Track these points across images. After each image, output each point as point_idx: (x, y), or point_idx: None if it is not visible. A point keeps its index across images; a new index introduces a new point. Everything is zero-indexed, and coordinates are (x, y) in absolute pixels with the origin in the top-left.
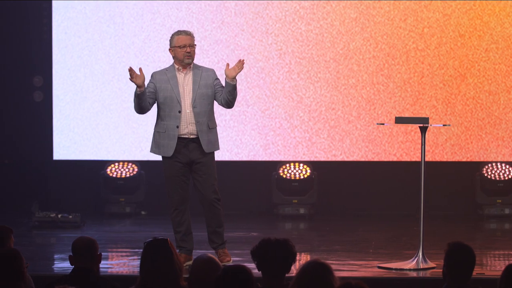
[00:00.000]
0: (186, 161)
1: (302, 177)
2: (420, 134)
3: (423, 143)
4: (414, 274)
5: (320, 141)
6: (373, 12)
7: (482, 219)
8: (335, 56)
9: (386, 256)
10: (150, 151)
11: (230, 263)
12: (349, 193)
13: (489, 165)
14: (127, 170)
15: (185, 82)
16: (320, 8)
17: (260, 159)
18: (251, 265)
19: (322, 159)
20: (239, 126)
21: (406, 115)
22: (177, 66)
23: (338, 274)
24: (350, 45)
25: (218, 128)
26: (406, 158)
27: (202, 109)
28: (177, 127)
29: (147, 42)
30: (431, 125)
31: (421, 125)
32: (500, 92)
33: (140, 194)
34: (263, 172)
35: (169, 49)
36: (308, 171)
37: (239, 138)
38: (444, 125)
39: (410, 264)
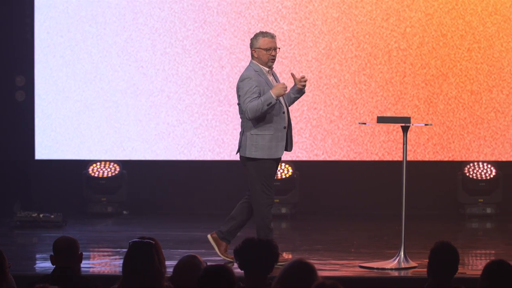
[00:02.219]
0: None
1: (284, 176)
2: (402, 134)
3: (405, 143)
4: (395, 273)
5: (302, 141)
6: (355, 11)
7: (464, 219)
8: (317, 55)
9: (368, 256)
10: (247, 155)
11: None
12: (331, 193)
13: (471, 164)
14: (109, 169)
15: (274, 84)
16: (302, 7)
17: None
18: (234, 265)
19: (304, 158)
20: (221, 125)
21: (388, 114)
22: (266, 69)
23: (319, 273)
24: (332, 45)
25: (199, 128)
26: (388, 158)
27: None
28: (284, 128)
29: (129, 41)
30: (413, 124)
31: (403, 124)
32: (482, 92)
33: (122, 193)
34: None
35: (252, 50)
36: (290, 170)
37: (220, 138)
38: (426, 124)
39: (391, 263)
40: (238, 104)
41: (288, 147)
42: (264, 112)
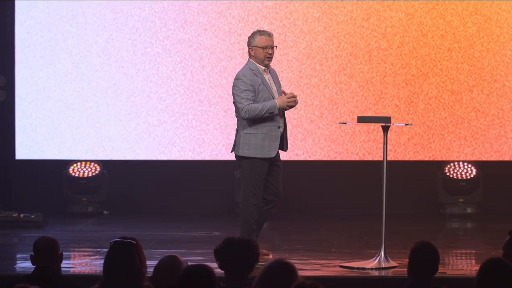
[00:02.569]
0: (272, 160)
1: None
2: (382, 134)
3: (385, 143)
4: (376, 273)
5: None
6: (335, 11)
7: (444, 218)
8: (298, 55)
9: (348, 255)
10: (240, 154)
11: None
12: (311, 192)
13: (451, 164)
14: (89, 169)
15: (270, 83)
16: (282, 7)
17: (222, 158)
18: (214, 265)
19: (284, 158)
20: (202, 125)
21: (369, 114)
22: (262, 68)
23: (300, 273)
24: (313, 45)
25: (179, 127)
26: (368, 158)
27: (283, 111)
28: (279, 127)
29: (109, 41)
30: (393, 124)
31: (383, 124)
32: (462, 92)
33: (103, 193)
34: (226, 171)
35: (249, 48)
36: None
37: (201, 138)
38: (406, 124)
39: (372, 263)
40: (234, 102)
41: (284, 147)
42: (261, 117)
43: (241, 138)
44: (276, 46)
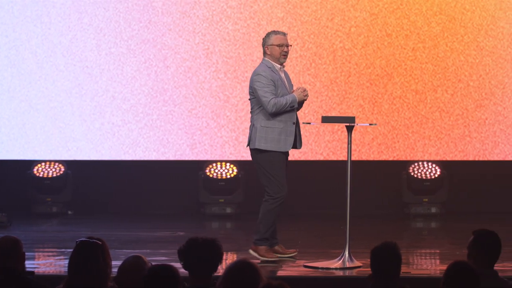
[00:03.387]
0: (287, 155)
1: (228, 176)
2: (346, 133)
3: (349, 142)
4: (340, 273)
5: (247, 140)
6: (300, 11)
7: (409, 218)
8: (262, 55)
9: (313, 255)
10: (257, 147)
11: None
12: None
13: (416, 164)
14: (53, 169)
15: (284, 81)
16: (247, 7)
17: (186, 158)
18: (178, 265)
19: (249, 158)
20: (166, 125)
21: (333, 114)
22: (278, 66)
23: (263, 273)
24: None
25: (144, 127)
26: (333, 157)
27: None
28: (293, 123)
29: (74, 41)
30: (357, 124)
31: (348, 124)
32: (426, 91)
33: (67, 193)
34: (190, 172)
35: (265, 47)
36: (235, 170)
37: (165, 138)
38: (370, 124)
39: (336, 263)
40: (250, 99)
41: (298, 144)
42: (284, 111)
43: (258, 132)
44: (291, 45)
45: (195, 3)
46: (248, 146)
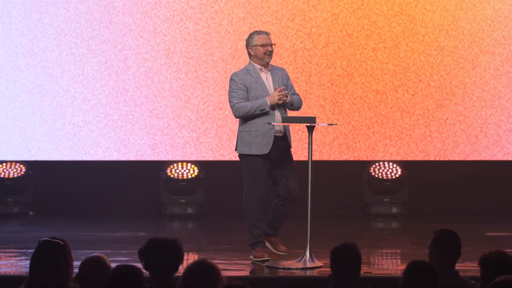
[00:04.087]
0: (272, 158)
1: (189, 176)
2: (307, 134)
3: (310, 143)
4: (301, 273)
5: (208, 141)
6: (260, 11)
7: (370, 218)
8: (223, 55)
9: (275, 255)
10: (236, 150)
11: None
12: (237, 192)
13: (377, 164)
14: (14, 170)
15: (268, 82)
16: (208, 7)
17: (148, 158)
18: (139, 265)
19: (210, 158)
20: (127, 125)
21: (294, 114)
22: (259, 66)
23: (226, 273)
24: (238, 45)
25: (105, 128)
26: (294, 158)
27: (283, 108)
28: (272, 124)
29: (35, 42)
30: (318, 124)
31: (308, 124)
32: (387, 92)
33: (28, 194)
34: (151, 172)
35: (249, 48)
36: (196, 170)
37: (126, 138)
38: (331, 124)
39: (297, 263)
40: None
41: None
42: (251, 114)
43: (238, 137)
44: (275, 44)
45: (156, 4)
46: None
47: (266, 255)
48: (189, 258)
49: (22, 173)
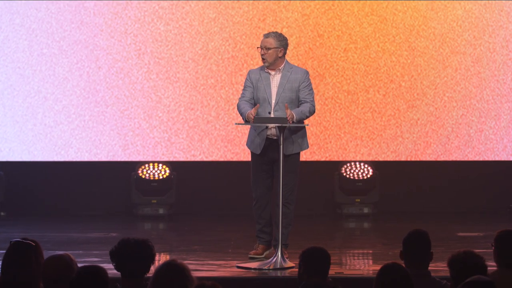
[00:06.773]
0: (270, 160)
1: (161, 177)
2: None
3: (281, 143)
4: (273, 273)
5: (179, 141)
6: (231, 12)
7: (341, 218)
8: (194, 56)
9: (246, 256)
10: (246, 145)
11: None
12: (208, 193)
13: (348, 164)
14: None
15: (273, 84)
16: (179, 8)
17: (119, 159)
18: (111, 266)
19: (181, 159)
20: (98, 126)
21: None
22: (266, 66)
23: (196, 274)
24: (209, 45)
25: (76, 128)
26: None
27: (283, 113)
28: (266, 127)
29: (5, 42)
30: (288, 124)
31: (279, 124)
32: (359, 92)
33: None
34: (122, 172)
35: (257, 48)
36: (167, 171)
37: (98, 139)
38: (302, 125)
39: (269, 264)
40: None
41: (284, 149)
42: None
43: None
44: (269, 47)
45: (127, 4)
46: None
47: (258, 254)
48: (161, 259)
49: None
